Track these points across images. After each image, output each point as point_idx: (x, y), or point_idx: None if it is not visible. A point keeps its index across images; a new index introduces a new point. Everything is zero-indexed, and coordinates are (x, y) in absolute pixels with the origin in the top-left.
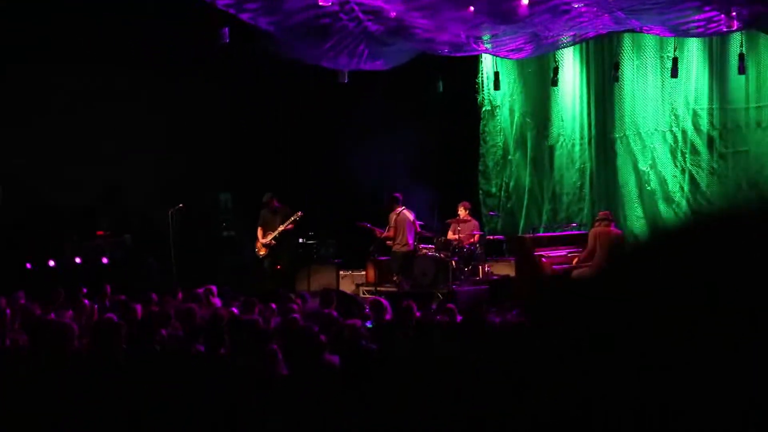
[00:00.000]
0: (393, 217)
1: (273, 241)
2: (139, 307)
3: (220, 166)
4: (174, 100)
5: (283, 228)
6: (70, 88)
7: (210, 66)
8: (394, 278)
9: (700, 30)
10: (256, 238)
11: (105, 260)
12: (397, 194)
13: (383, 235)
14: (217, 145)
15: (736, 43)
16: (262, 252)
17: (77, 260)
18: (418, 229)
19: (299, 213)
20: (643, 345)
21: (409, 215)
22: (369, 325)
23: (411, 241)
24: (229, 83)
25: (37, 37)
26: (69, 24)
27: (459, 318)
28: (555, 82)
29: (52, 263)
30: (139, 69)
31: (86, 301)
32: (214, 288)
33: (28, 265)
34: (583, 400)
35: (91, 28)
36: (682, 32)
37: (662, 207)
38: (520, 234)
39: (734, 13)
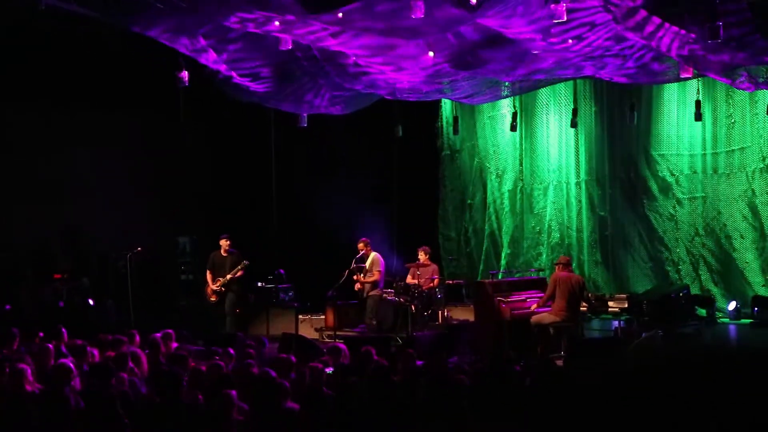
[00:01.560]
0: (376, 261)
1: (222, 288)
2: (96, 351)
3: (179, 210)
4: (134, 142)
5: (231, 276)
6: (30, 126)
7: (170, 108)
8: (373, 321)
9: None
10: (206, 283)
11: (61, 303)
12: (365, 238)
13: (369, 281)
14: (177, 188)
15: (693, 90)
16: (213, 298)
17: (34, 303)
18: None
19: (245, 262)
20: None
21: (381, 259)
22: (328, 371)
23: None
24: (190, 126)
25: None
26: (31, 64)
27: (419, 363)
28: (514, 128)
29: (7, 307)
30: (100, 110)
31: (49, 345)
32: (171, 332)
33: None
34: None
35: (53, 67)
36: (634, 78)
37: (620, 252)
38: (479, 279)
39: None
